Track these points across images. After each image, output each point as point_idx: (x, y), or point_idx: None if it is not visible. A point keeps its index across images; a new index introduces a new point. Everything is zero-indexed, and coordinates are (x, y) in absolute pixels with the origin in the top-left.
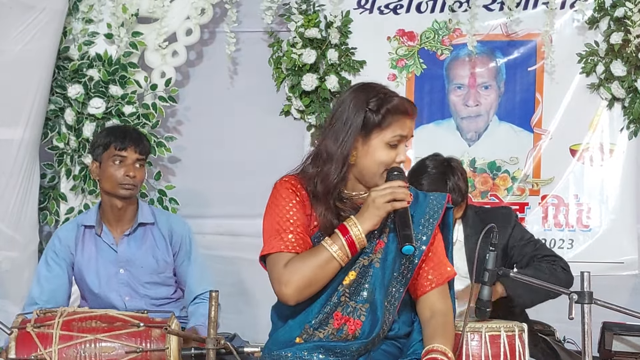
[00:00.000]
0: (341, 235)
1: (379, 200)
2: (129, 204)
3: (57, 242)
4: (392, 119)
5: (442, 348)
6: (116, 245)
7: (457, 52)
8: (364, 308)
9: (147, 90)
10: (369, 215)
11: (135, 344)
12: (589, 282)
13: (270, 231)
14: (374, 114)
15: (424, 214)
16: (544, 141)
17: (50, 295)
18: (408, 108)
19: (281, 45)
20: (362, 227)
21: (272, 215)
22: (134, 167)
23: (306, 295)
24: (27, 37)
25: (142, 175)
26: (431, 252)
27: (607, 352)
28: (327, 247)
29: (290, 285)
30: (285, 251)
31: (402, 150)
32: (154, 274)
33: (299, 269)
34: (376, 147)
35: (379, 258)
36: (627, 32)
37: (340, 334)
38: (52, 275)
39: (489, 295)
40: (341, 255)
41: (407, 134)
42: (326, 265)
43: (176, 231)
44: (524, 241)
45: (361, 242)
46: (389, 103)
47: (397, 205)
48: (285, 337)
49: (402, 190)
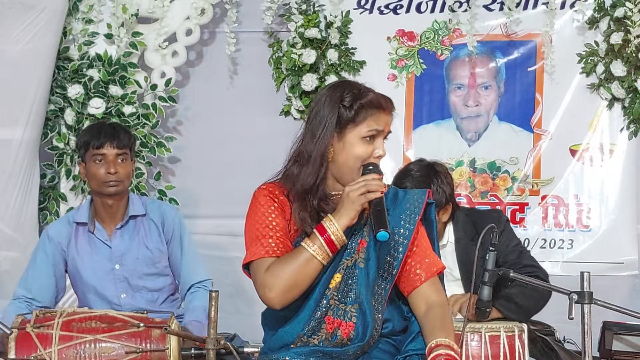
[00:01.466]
0: (319, 235)
1: (353, 194)
2: (120, 199)
3: (46, 240)
4: (366, 114)
5: (445, 341)
6: (109, 240)
7: (457, 52)
8: (354, 309)
9: (147, 91)
10: (345, 210)
11: (135, 344)
12: (589, 282)
13: (251, 238)
14: (347, 109)
15: (404, 209)
16: (544, 141)
17: (35, 294)
18: (382, 103)
19: (281, 45)
20: (339, 224)
21: (251, 223)
22: (115, 163)
23: (291, 297)
24: (27, 37)
25: (126, 168)
26: (415, 246)
27: (607, 351)
28: (306, 247)
29: (274, 289)
30: (266, 256)
31: (379, 144)
32: (151, 264)
33: (281, 272)
34: (352, 142)
35: (362, 258)
36: (627, 32)
37: (335, 339)
38: (37, 274)
39: (489, 296)
40: (321, 254)
41: (383, 128)
42: (307, 265)
43: (167, 219)
44: (509, 248)
45: (339, 239)
46: (363, 98)
47: (370, 196)
48: (280, 344)
49: (376, 182)
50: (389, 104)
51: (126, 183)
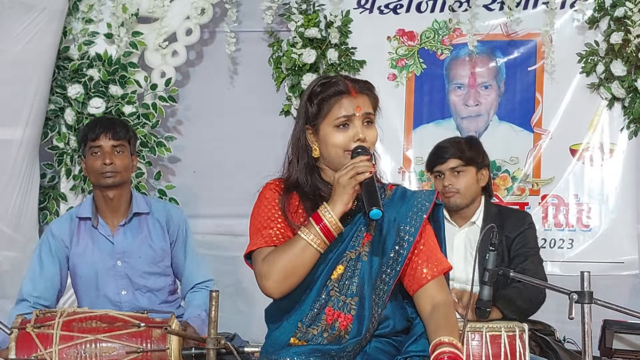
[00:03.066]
0: (314, 223)
1: (342, 178)
2: (121, 193)
3: (50, 237)
4: (329, 104)
5: (449, 339)
6: (112, 236)
7: (457, 52)
8: (354, 302)
9: (147, 90)
10: (338, 197)
11: (135, 344)
12: (589, 282)
13: (253, 231)
14: (312, 105)
15: (412, 207)
16: (544, 141)
17: (42, 293)
18: (348, 87)
19: (281, 45)
20: (334, 211)
21: (254, 217)
22: (111, 154)
23: (288, 285)
24: (27, 37)
25: (123, 160)
26: (422, 245)
27: (608, 350)
28: (302, 235)
29: (270, 277)
30: (264, 246)
31: (358, 128)
32: (153, 263)
33: (277, 260)
34: (326, 133)
35: (367, 251)
36: (627, 32)
37: (334, 331)
38: (44, 272)
39: (489, 295)
40: (317, 242)
41: (353, 112)
42: (303, 253)
43: (174, 219)
44: (522, 250)
45: (335, 225)
46: (325, 91)
47: (360, 177)
48: (281, 338)
49: (364, 164)
50: (356, 86)
51: (124, 175)
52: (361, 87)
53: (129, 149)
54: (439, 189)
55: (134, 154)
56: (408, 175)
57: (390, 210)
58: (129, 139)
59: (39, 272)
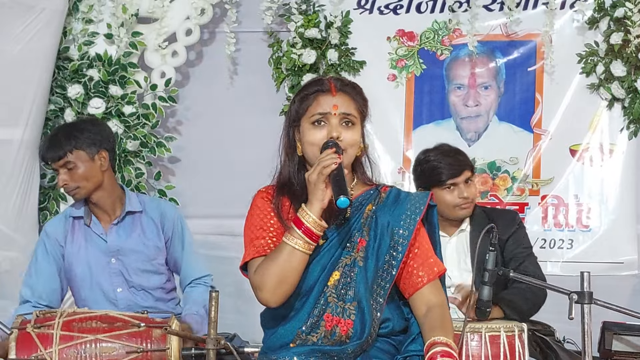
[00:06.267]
0: (296, 227)
1: (312, 177)
2: (101, 195)
3: (45, 238)
4: (306, 103)
5: (443, 339)
6: (105, 234)
7: (457, 52)
8: (352, 307)
9: (147, 91)
10: (312, 195)
11: (135, 344)
12: (589, 282)
13: (246, 241)
14: (294, 104)
15: (405, 210)
16: (543, 141)
17: (42, 293)
18: (323, 86)
19: (281, 45)
20: (312, 211)
21: (247, 227)
22: (62, 174)
23: (282, 293)
24: (27, 37)
25: (78, 174)
26: (417, 248)
27: (607, 351)
28: (287, 241)
29: (263, 288)
30: (256, 256)
31: (333, 127)
32: (147, 261)
33: (266, 270)
34: (304, 131)
35: (362, 256)
36: (627, 32)
37: (334, 337)
38: (42, 274)
39: (489, 295)
40: (302, 245)
41: (329, 110)
42: (290, 259)
43: (168, 217)
44: (517, 251)
45: (316, 225)
46: (305, 90)
47: (326, 171)
48: (279, 343)
49: (329, 157)
50: (338, 84)
51: (88, 185)
52: (343, 86)
53: (81, 157)
54: (453, 202)
55: (95, 154)
56: (408, 176)
57: (384, 214)
58: (72, 149)
59: (37, 273)
